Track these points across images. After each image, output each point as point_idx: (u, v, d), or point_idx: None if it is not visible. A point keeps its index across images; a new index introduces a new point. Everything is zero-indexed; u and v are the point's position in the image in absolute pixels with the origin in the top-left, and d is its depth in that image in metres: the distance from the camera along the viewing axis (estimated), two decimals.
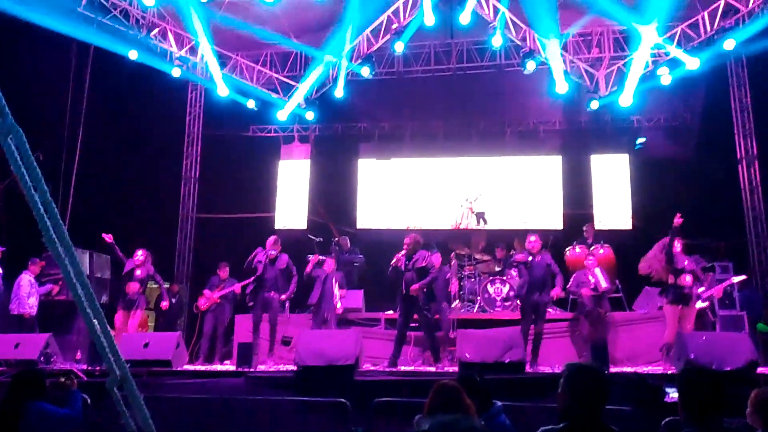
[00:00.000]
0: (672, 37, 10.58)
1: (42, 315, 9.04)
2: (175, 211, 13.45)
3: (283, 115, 12.36)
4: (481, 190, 13.04)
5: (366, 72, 11.56)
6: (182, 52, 11.46)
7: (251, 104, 12.51)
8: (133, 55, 10.57)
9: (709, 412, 2.53)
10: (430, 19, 9.98)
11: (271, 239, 8.56)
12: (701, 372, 2.84)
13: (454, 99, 13.06)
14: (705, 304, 8.36)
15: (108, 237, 8.39)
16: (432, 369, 7.55)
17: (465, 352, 6.92)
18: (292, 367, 7.16)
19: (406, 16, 10.71)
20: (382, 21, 10.95)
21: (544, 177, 12.98)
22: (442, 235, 12.33)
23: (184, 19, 10.69)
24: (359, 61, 11.34)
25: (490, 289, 10.08)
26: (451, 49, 12.53)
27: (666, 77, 10.80)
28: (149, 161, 12.65)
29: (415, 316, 7.78)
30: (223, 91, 11.62)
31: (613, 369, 7.16)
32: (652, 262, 7.91)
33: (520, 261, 8.03)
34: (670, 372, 6.75)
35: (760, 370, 6.51)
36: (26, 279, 8.91)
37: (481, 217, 12.89)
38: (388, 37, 11.04)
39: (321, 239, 11.41)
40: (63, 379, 4.41)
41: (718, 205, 11.65)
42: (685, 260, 7.66)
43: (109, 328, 1.39)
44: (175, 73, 11.51)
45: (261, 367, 7.79)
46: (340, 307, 8.87)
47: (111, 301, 8.85)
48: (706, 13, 10.28)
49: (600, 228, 11.60)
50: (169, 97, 13.04)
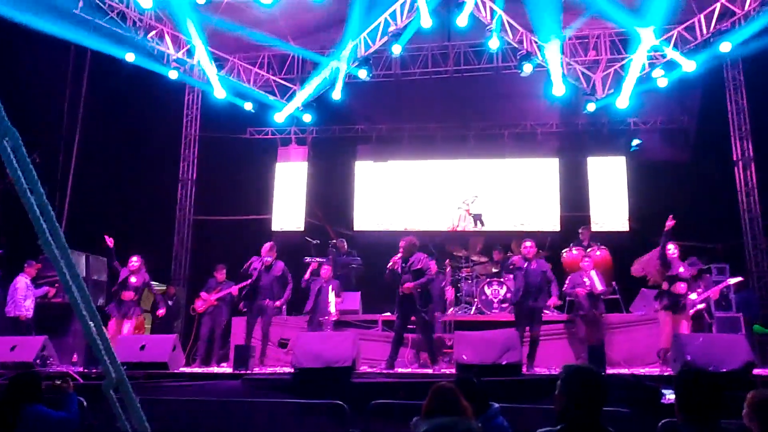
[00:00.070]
0: (668, 40, 10.61)
1: (38, 317, 9.03)
2: (172, 213, 13.42)
3: (280, 118, 12.36)
4: (478, 192, 13.04)
5: (363, 74, 11.56)
6: (179, 54, 11.44)
7: (248, 106, 12.51)
8: (130, 58, 10.55)
9: (707, 414, 2.54)
10: (427, 22, 9.98)
11: (266, 246, 8.52)
12: (698, 374, 2.84)
13: (452, 101, 13.08)
14: (702, 306, 8.38)
15: (110, 241, 8.36)
16: (429, 371, 7.53)
17: (462, 354, 6.93)
18: (289, 369, 7.16)
19: (404, 18, 10.71)
20: (380, 23, 10.95)
21: (541, 179, 12.99)
22: (440, 237, 12.32)
23: (179, 25, 10.70)
24: (356, 64, 11.34)
25: (488, 291, 10.08)
26: (449, 51, 12.55)
27: (662, 80, 10.84)
28: (146, 163, 12.63)
29: (413, 318, 7.77)
30: (219, 94, 11.60)
31: (610, 371, 7.16)
32: (646, 265, 7.93)
33: (518, 265, 7.95)
34: (667, 374, 6.77)
35: (757, 371, 6.52)
36: (23, 281, 8.90)
37: (478, 219, 12.89)
38: (385, 39, 11.04)
39: (318, 241, 11.42)
40: (59, 382, 4.40)
41: (715, 207, 11.70)
42: (681, 266, 7.68)
43: (105, 330, 1.39)
44: (172, 75, 11.49)
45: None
46: (334, 312, 8.70)
47: (106, 305, 8.81)
48: (702, 16, 10.31)
49: (597, 230, 11.63)
50: (167, 99, 13.03)
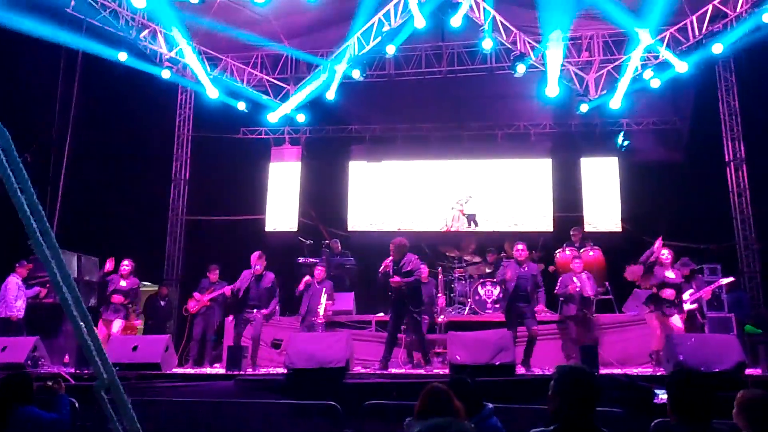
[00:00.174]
0: (661, 41, 10.66)
1: (29, 318, 8.98)
2: (164, 213, 13.36)
3: (274, 118, 12.33)
4: (471, 192, 13.07)
5: (357, 74, 11.53)
6: (172, 54, 11.39)
7: (241, 106, 12.48)
8: (122, 57, 10.51)
9: (699, 414, 2.55)
10: (420, 23, 9.97)
11: (255, 255, 8.41)
12: (690, 374, 2.85)
13: (445, 102, 13.10)
14: (694, 306, 8.42)
15: (110, 263, 8.43)
16: (422, 371, 7.54)
17: (456, 355, 6.93)
18: (283, 370, 7.14)
19: (398, 19, 10.71)
20: (374, 24, 10.95)
21: (534, 179, 13.03)
22: (433, 238, 12.34)
23: (166, 28, 10.70)
24: (349, 64, 11.33)
25: (481, 291, 10.11)
26: (442, 52, 12.56)
27: (655, 80, 10.89)
28: (139, 163, 12.56)
29: (406, 320, 7.76)
30: (212, 94, 11.57)
31: (603, 371, 7.18)
32: (635, 270, 7.98)
33: (509, 280, 7.73)
34: (659, 374, 6.80)
35: (749, 371, 6.57)
36: (13, 282, 8.84)
37: (471, 219, 12.92)
38: (379, 39, 11.03)
39: (311, 242, 11.40)
40: (51, 383, 4.38)
41: (707, 208, 11.74)
42: (671, 272, 7.72)
43: (96, 331, 1.38)
44: (165, 74, 11.45)
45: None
46: (321, 315, 8.49)
47: (98, 306, 8.77)
48: (694, 18, 10.37)
49: (590, 230, 11.68)
50: (159, 99, 12.96)
